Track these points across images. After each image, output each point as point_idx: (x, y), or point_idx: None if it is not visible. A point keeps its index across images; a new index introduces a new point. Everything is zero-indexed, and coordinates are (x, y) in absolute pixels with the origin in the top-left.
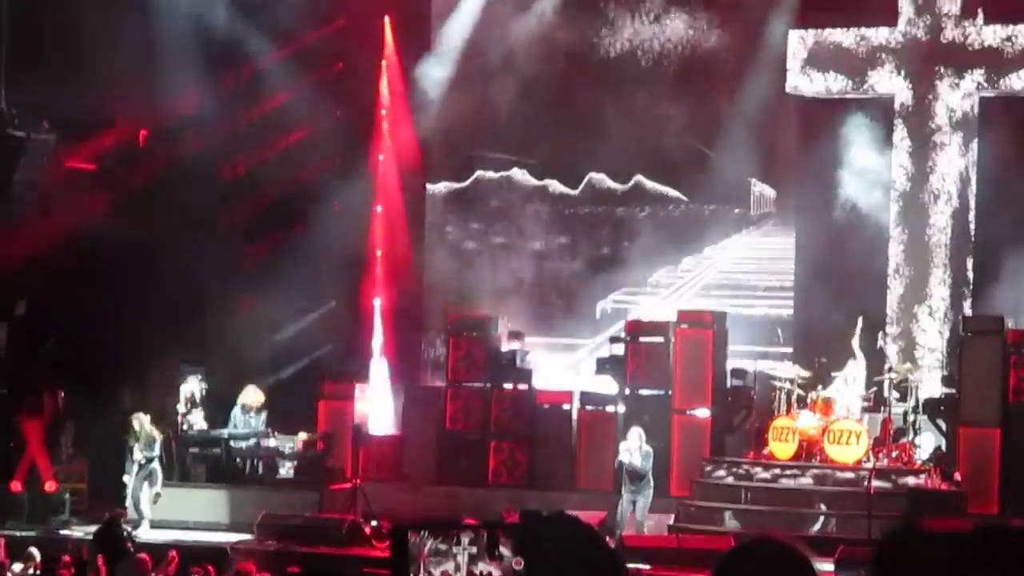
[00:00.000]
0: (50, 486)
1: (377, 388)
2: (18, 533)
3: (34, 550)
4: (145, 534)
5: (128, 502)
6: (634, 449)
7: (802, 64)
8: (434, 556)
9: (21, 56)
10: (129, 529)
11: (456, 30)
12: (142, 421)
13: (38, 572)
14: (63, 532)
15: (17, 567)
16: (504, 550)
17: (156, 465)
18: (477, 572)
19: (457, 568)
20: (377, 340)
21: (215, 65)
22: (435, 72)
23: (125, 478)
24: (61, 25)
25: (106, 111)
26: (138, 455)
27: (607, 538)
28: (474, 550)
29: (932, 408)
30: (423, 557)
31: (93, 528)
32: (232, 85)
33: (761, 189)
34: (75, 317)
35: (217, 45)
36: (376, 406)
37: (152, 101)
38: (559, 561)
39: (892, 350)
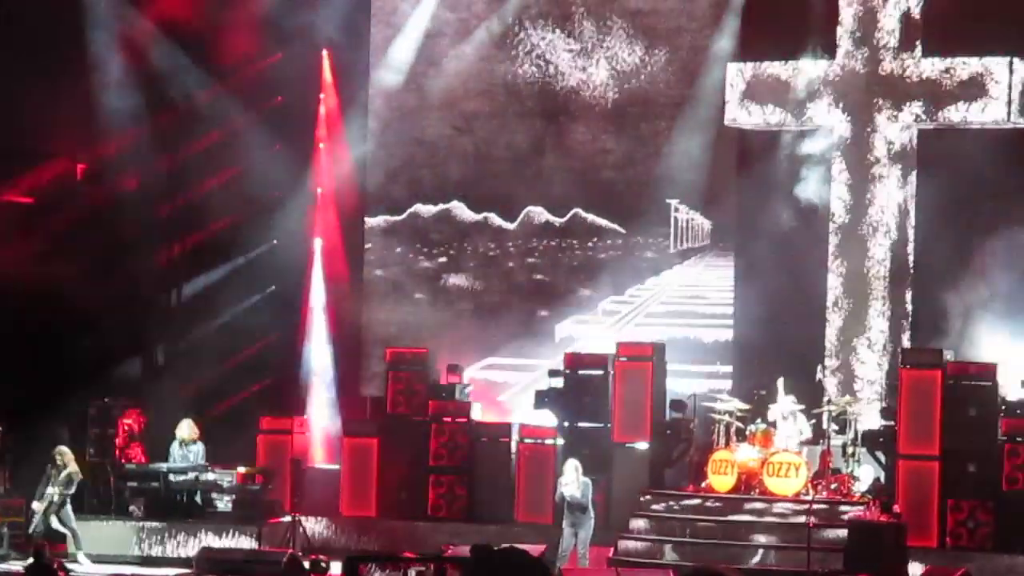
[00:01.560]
0: None
1: (316, 422)
2: None
3: None
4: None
5: (32, 530)
6: (571, 482)
7: (741, 97)
8: None
9: None
10: (63, 561)
11: (394, 64)
12: (66, 459)
13: None
14: (1, 567)
15: None
16: None
17: (69, 505)
18: None
19: None
20: (316, 373)
21: (154, 100)
22: (373, 105)
23: (35, 504)
24: None
25: (43, 145)
26: (52, 489)
27: None
28: None
29: (871, 440)
30: None
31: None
32: (171, 120)
33: (693, 218)
34: (11, 353)
35: (155, 80)
36: (315, 440)
37: (90, 135)
38: None
39: (831, 383)
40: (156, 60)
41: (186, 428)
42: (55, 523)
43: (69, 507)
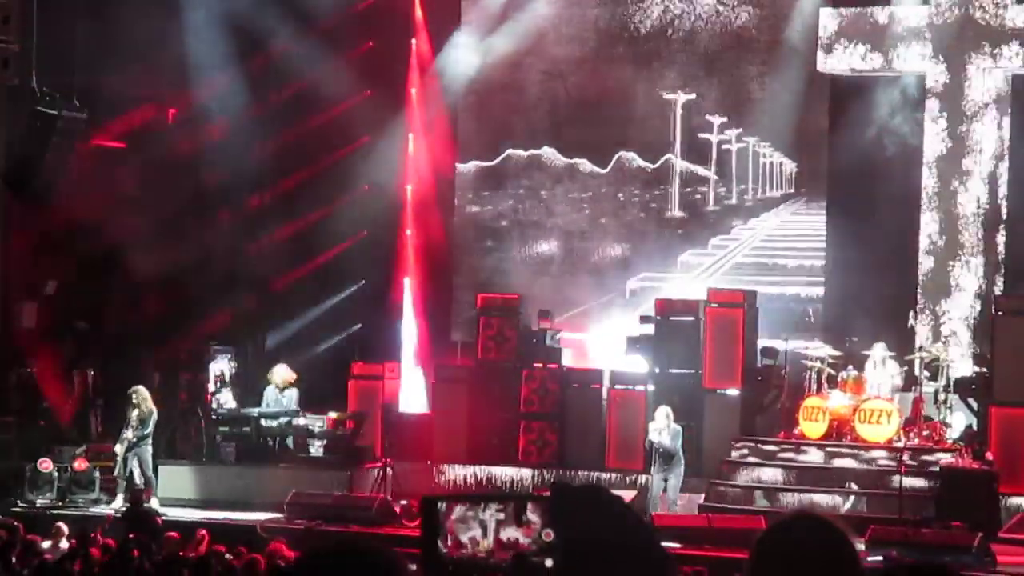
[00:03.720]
0: (80, 464)
1: (407, 367)
2: (49, 511)
3: (62, 525)
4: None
5: (116, 473)
6: (662, 428)
7: (834, 42)
8: (461, 523)
9: (52, 34)
10: (155, 507)
11: (486, 8)
12: (143, 396)
13: (67, 548)
14: (93, 510)
15: (46, 544)
16: (532, 516)
17: (149, 445)
18: (504, 538)
19: (484, 534)
20: (407, 319)
21: (244, 45)
22: (464, 49)
23: (116, 447)
24: (92, 3)
25: (135, 90)
26: (129, 432)
27: None
28: (501, 516)
29: (963, 387)
30: (450, 523)
31: (122, 506)
32: (262, 65)
33: (784, 164)
34: (105, 297)
35: (246, 25)
36: (406, 385)
37: (181, 80)
38: (591, 533)
39: (923, 329)
40: (245, 5)
41: (280, 372)
42: (134, 466)
43: (149, 451)
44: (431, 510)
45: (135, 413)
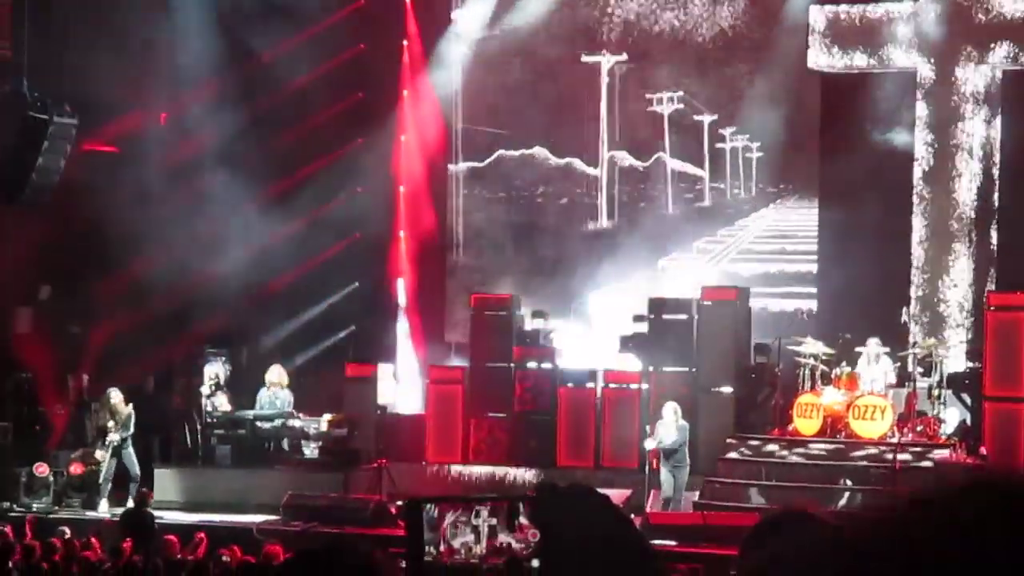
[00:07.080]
0: (76, 468)
1: (401, 369)
2: (47, 515)
3: (65, 529)
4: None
5: (102, 479)
6: (670, 424)
7: (824, 39)
8: (454, 528)
9: (43, 39)
10: (153, 511)
11: (476, 9)
12: (117, 399)
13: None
14: (89, 513)
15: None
16: (524, 520)
17: (130, 448)
18: (497, 543)
19: (477, 539)
20: (401, 321)
21: (235, 49)
22: (456, 51)
23: (98, 454)
24: (82, 8)
25: (127, 94)
26: (113, 435)
27: (632, 516)
28: (493, 521)
29: (957, 382)
30: (443, 530)
31: (119, 509)
32: (253, 68)
33: (775, 161)
34: (99, 301)
35: (237, 29)
36: (400, 387)
37: (173, 84)
38: (576, 533)
39: (916, 325)
40: (236, 9)
41: (275, 373)
42: (112, 466)
43: (131, 450)
44: (415, 512)
45: (109, 417)
